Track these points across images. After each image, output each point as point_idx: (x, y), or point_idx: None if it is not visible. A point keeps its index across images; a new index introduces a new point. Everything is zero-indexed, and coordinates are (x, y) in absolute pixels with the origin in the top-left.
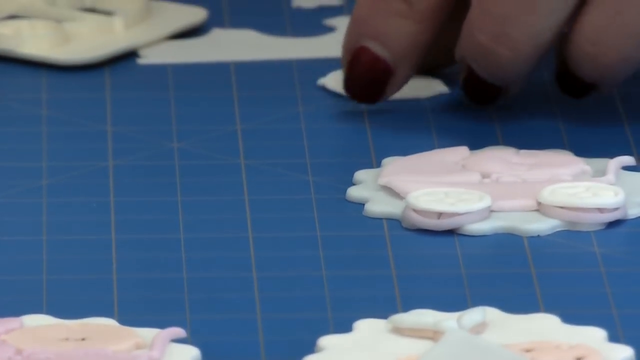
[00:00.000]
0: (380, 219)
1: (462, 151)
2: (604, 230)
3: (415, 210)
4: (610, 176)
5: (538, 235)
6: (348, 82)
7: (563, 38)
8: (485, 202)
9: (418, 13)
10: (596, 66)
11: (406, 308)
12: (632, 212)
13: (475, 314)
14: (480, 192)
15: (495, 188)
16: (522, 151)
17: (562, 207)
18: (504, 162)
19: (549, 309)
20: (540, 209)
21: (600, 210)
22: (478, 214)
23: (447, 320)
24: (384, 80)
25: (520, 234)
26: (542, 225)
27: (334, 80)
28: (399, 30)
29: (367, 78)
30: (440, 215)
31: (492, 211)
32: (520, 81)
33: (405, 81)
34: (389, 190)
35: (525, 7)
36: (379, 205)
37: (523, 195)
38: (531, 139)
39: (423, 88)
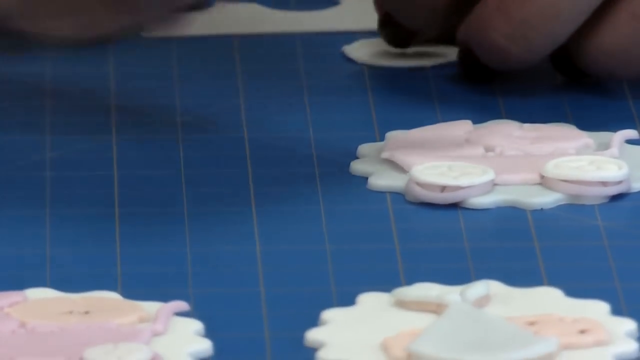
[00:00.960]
0: (384, 192)
1: (465, 125)
2: (608, 203)
3: (418, 184)
4: (614, 149)
5: (541, 209)
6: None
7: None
8: (488, 176)
9: None
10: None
11: (409, 281)
12: (636, 186)
13: (479, 288)
14: (484, 165)
15: (498, 162)
16: (526, 125)
17: (565, 181)
18: (507, 136)
19: (552, 282)
20: (544, 182)
21: (604, 183)
22: (481, 188)
23: (450, 293)
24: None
25: (523, 207)
26: (546, 199)
27: (357, 50)
28: None
29: None
30: (443, 188)
31: (495, 185)
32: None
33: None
34: (392, 163)
35: (548, 14)
36: (382, 179)
37: (526, 169)
38: (534, 113)
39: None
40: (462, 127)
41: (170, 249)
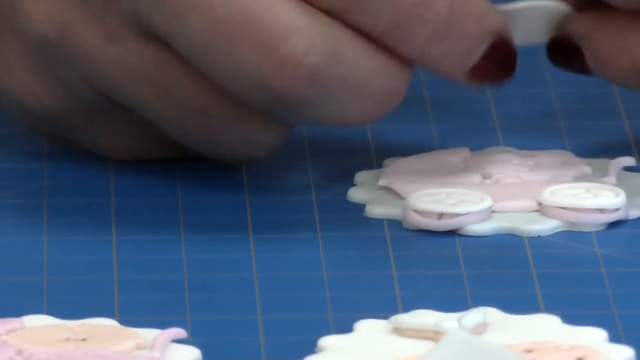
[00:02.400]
0: (381, 219)
1: (463, 152)
2: (605, 230)
3: (416, 211)
4: (611, 177)
5: (539, 236)
6: None
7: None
8: (486, 203)
9: None
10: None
11: (407, 308)
12: (633, 213)
13: (476, 315)
14: (481, 193)
15: (496, 189)
16: (523, 152)
17: (562, 208)
18: (505, 164)
19: (550, 309)
20: (541, 209)
21: (601, 210)
22: (479, 215)
23: (447, 320)
24: None
25: (521, 234)
26: (543, 226)
27: None
28: None
29: None
30: (441, 215)
31: (493, 212)
32: None
33: None
34: (390, 191)
35: None
36: (380, 206)
37: (524, 196)
38: (532, 139)
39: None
40: (460, 154)
41: (168, 276)
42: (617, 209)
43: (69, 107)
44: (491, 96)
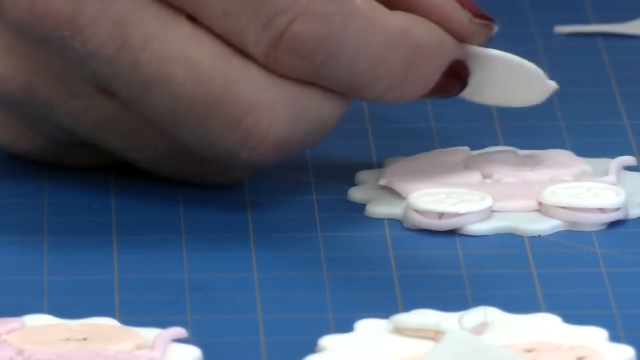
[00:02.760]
0: (382, 219)
1: (463, 152)
2: (605, 230)
3: (416, 211)
4: (612, 176)
5: (539, 236)
6: None
7: None
8: (486, 203)
9: None
10: None
11: (407, 308)
12: (634, 212)
13: (477, 314)
14: (482, 192)
15: (496, 188)
16: (523, 151)
17: (563, 207)
18: (505, 163)
19: (550, 309)
20: (541, 209)
21: (602, 210)
22: (479, 214)
23: (448, 320)
24: None
25: (521, 234)
26: (543, 226)
27: None
28: None
29: None
30: (441, 215)
31: (493, 211)
32: None
33: None
34: (391, 190)
35: None
36: (380, 206)
37: (524, 196)
38: (532, 139)
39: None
40: (460, 154)
41: (168, 275)
42: (618, 209)
43: (40, 146)
44: None
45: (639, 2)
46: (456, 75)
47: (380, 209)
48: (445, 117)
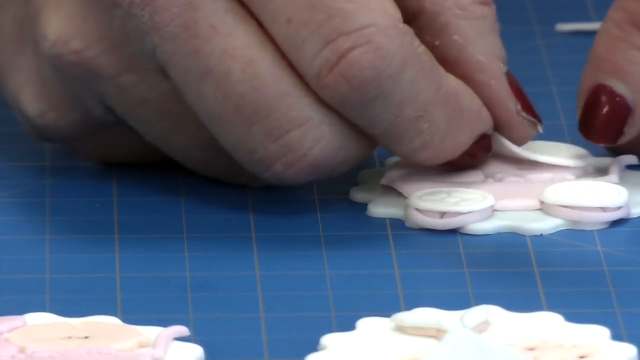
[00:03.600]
0: (384, 218)
1: None
2: (607, 229)
3: (418, 210)
4: (614, 175)
5: (541, 235)
6: (585, 123)
7: None
8: (488, 202)
9: None
10: None
11: (409, 307)
12: (635, 212)
13: (479, 313)
14: (484, 191)
15: (498, 188)
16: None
17: (565, 207)
18: (507, 161)
19: (552, 308)
20: (544, 208)
21: (604, 209)
22: (481, 214)
23: (450, 319)
24: (623, 118)
25: (523, 233)
26: (545, 225)
27: None
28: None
29: (605, 117)
30: (443, 214)
31: (495, 211)
32: None
33: None
34: (392, 190)
35: None
36: (382, 206)
37: (526, 195)
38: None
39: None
40: None
41: (170, 274)
42: (620, 208)
43: (69, 123)
44: None
45: None
46: (482, 148)
47: (382, 209)
48: None
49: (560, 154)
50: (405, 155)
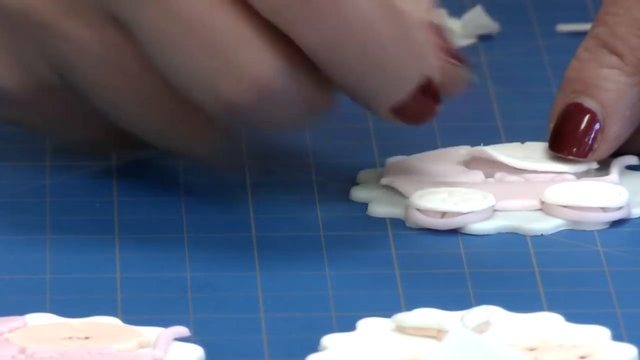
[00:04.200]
0: (384, 218)
1: (465, 150)
2: (608, 229)
3: (418, 210)
4: (614, 175)
5: (541, 235)
6: (555, 136)
7: None
8: (488, 202)
9: (630, 65)
10: None
11: (410, 307)
12: (636, 212)
13: (479, 313)
14: (484, 191)
15: (498, 187)
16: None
17: (565, 206)
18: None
19: (553, 308)
20: (544, 208)
21: (604, 209)
22: (481, 214)
23: (450, 319)
24: (593, 132)
25: (523, 233)
26: (546, 225)
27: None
28: (608, 82)
29: (575, 132)
30: (443, 214)
31: (495, 210)
32: None
33: (617, 136)
34: (392, 189)
35: None
36: (382, 206)
37: (526, 195)
38: (534, 138)
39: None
40: (462, 153)
41: (171, 274)
42: (620, 208)
43: (23, 87)
44: (494, 95)
45: None
46: (430, 95)
47: (382, 208)
48: (447, 116)
49: (557, 157)
50: (352, 83)
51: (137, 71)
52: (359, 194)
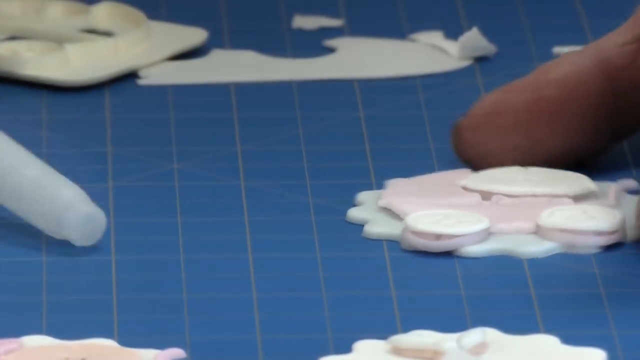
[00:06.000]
0: (380, 240)
1: (464, 173)
2: (604, 252)
3: (413, 232)
4: (611, 199)
5: (535, 258)
6: None
7: None
8: (483, 224)
9: None
10: None
11: (406, 329)
12: (630, 235)
13: (475, 335)
14: (479, 214)
15: (494, 210)
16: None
17: (559, 230)
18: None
19: (549, 330)
20: (539, 231)
21: (598, 233)
22: (475, 236)
23: (447, 341)
24: None
25: (517, 256)
26: (539, 248)
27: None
28: None
29: None
30: (438, 236)
31: (490, 233)
32: None
33: None
34: (389, 211)
35: None
36: (378, 227)
37: (522, 218)
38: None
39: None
40: (461, 176)
41: (167, 295)
42: (614, 232)
43: None
44: None
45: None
46: None
47: (378, 229)
48: (444, 138)
49: (557, 181)
50: None
51: None
52: (356, 215)
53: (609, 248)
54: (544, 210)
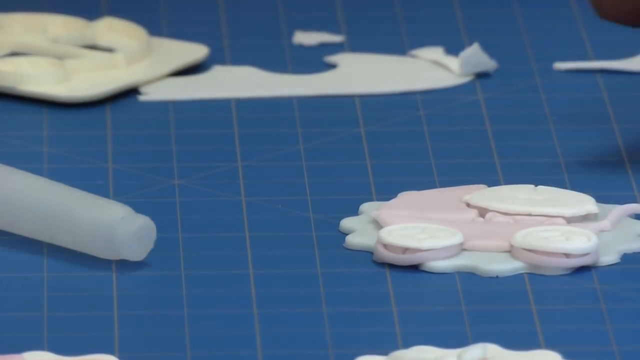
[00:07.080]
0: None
1: (476, 189)
2: (605, 267)
3: (382, 244)
4: (606, 222)
5: (496, 276)
6: None
7: None
8: (453, 240)
9: None
10: None
11: (407, 344)
12: (606, 259)
13: (476, 351)
14: (461, 230)
15: (478, 227)
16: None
17: (528, 250)
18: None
19: (550, 345)
20: (511, 250)
21: (567, 255)
22: (442, 251)
23: (448, 356)
24: None
25: (480, 274)
26: (504, 267)
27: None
28: None
29: None
30: (405, 250)
31: (463, 249)
32: None
33: None
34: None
35: None
36: (359, 238)
37: (500, 236)
38: (530, 176)
39: None
40: (470, 191)
41: (168, 311)
42: (586, 254)
43: None
44: (491, 132)
45: (637, 38)
46: None
47: (359, 240)
48: (444, 153)
49: (559, 202)
50: None
51: None
52: (346, 224)
53: (611, 263)
54: (520, 231)
